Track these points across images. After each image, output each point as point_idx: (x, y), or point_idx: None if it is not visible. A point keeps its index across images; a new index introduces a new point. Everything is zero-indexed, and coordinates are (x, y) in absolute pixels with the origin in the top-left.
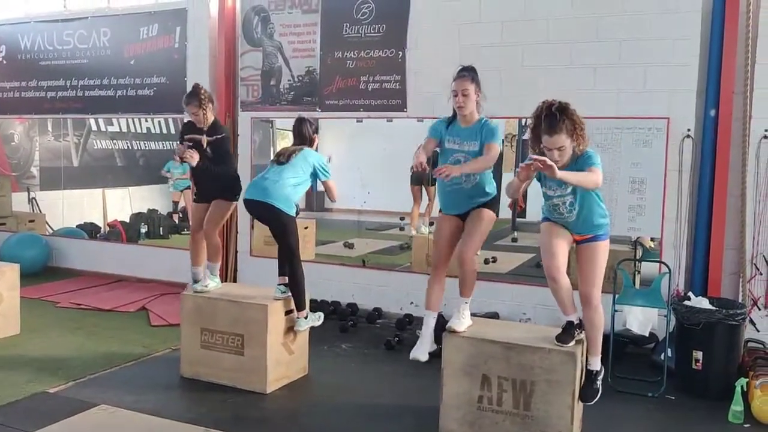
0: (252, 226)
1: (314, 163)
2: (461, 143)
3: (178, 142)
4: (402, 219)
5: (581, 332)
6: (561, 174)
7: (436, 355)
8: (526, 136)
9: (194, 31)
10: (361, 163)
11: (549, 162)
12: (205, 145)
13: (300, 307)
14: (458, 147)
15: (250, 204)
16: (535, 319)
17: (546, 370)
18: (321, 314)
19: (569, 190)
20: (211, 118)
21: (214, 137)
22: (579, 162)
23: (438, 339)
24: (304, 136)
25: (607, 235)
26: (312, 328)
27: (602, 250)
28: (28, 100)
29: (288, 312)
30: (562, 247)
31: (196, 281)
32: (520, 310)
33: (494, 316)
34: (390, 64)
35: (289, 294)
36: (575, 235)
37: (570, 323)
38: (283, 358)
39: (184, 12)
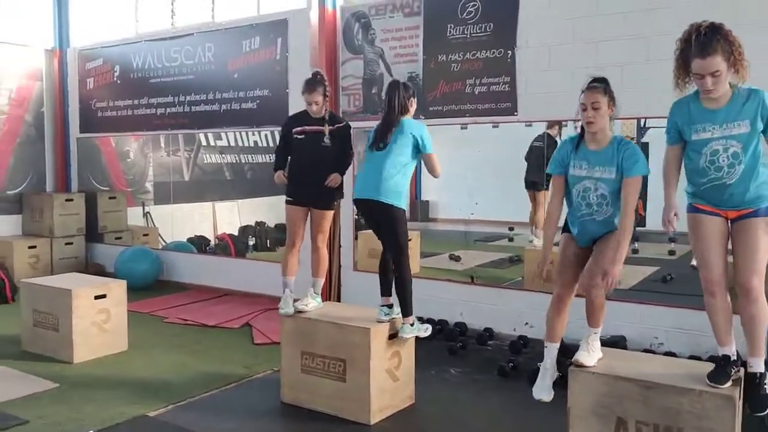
0: (356, 237)
1: (414, 135)
2: (590, 169)
3: (279, 144)
4: (511, 229)
5: (739, 370)
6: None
7: (560, 385)
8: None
9: (295, 41)
10: (467, 172)
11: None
12: (326, 133)
13: (406, 312)
14: (586, 173)
15: (359, 204)
16: (669, 344)
17: (696, 416)
18: (429, 327)
19: (741, 128)
20: (326, 109)
21: (336, 126)
22: (747, 106)
23: (560, 365)
24: (394, 106)
25: None
26: (418, 351)
27: (764, 227)
28: (140, 118)
29: (392, 336)
30: (719, 252)
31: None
32: (651, 333)
33: (620, 340)
34: (498, 64)
35: (394, 316)
36: (729, 211)
37: (726, 358)
38: (388, 386)
39: (285, 23)
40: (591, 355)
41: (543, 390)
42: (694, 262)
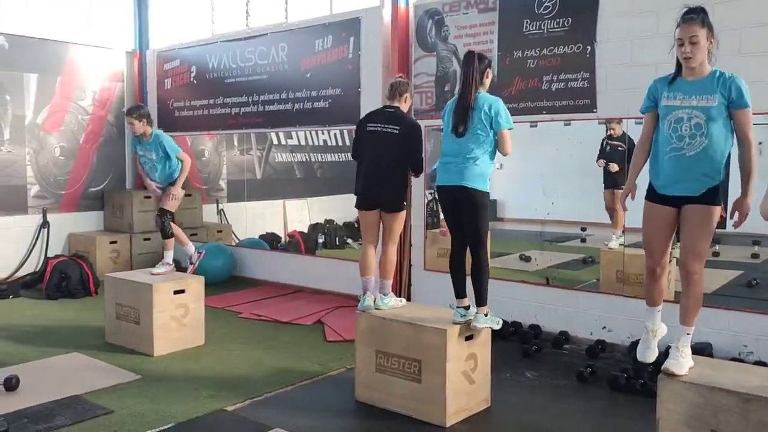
0: (425, 237)
1: (490, 112)
2: (686, 98)
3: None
4: (583, 230)
5: None
6: None
7: (643, 394)
8: None
9: (367, 40)
10: (539, 170)
11: None
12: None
13: (481, 301)
14: (681, 103)
15: (443, 191)
16: (759, 353)
17: None
18: (500, 320)
19: None
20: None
21: None
22: None
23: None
24: (470, 81)
25: None
26: (492, 353)
27: None
28: (215, 117)
29: (468, 338)
30: None
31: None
32: (739, 341)
33: (706, 347)
34: (577, 60)
35: (470, 318)
36: None
37: None
38: (463, 388)
39: (358, 21)
40: (682, 362)
41: (645, 351)
42: None
